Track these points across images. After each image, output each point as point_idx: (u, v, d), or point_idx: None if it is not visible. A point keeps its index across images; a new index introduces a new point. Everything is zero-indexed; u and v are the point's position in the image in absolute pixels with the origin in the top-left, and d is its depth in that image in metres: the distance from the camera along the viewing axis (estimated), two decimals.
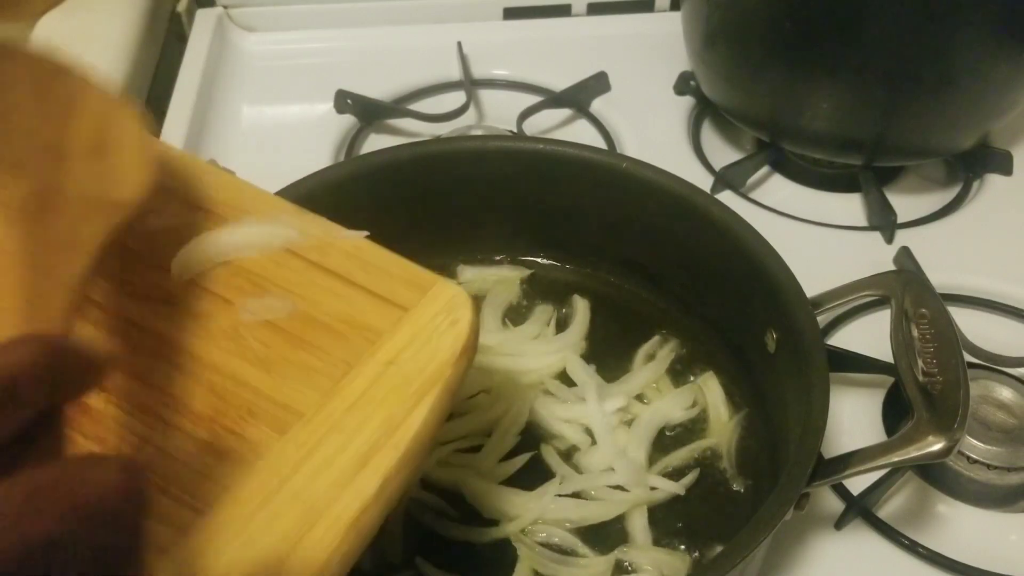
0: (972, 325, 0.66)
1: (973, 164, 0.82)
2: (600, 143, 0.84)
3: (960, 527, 0.58)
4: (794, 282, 0.55)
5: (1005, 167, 0.82)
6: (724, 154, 0.84)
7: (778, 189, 0.82)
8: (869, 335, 0.66)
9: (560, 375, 0.63)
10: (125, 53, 0.84)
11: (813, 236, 0.76)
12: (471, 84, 0.88)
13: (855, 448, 0.49)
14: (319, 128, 0.84)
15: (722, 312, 0.63)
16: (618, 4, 0.99)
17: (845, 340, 0.67)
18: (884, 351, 0.54)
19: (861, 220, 0.79)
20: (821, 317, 0.57)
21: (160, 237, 0.45)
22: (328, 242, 0.45)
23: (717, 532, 0.55)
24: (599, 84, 0.88)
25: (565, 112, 0.88)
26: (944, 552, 0.56)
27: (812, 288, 0.56)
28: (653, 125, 0.86)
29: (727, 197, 0.77)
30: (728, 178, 0.80)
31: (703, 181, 0.78)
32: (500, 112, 0.86)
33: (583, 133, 0.86)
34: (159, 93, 0.87)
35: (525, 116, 0.84)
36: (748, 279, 0.58)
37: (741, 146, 0.86)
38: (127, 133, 0.41)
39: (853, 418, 0.63)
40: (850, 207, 0.80)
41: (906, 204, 0.79)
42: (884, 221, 0.76)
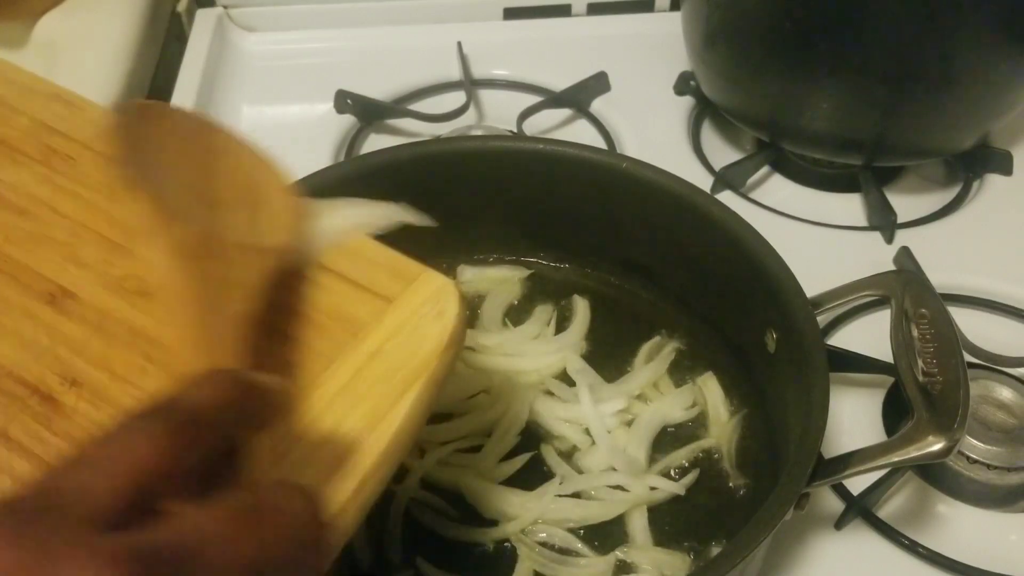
0: (972, 325, 0.66)
1: (973, 164, 0.82)
2: (600, 143, 0.84)
3: (960, 527, 0.58)
4: (794, 282, 0.55)
5: (1005, 167, 0.82)
6: (724, 154, 0.84)
7: (778, 189, 0.82)
8: (869, 335, 0.66)
9: (560, 375, 0.63)
10: (125, 53, 0.84)
11: (813, 236, 0.76)
12: (471, 84, 0.88)
13: (855, 448, 0.49)
14: (319, 128, 0.84)
15: (722, 312, 0.63)
16: (618, 4, 0.99)
17: (845, 340, 0.67)
18: (884, 351, 0.54)
19: (861, 220, 0.79)
20: (821, 317, 0.57)
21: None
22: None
23: (717, 532, 0.55)
24: (599, 84, 0.88)
25: (565, 112, 0.88)
26: (944, 552, 0.56)
27: (812, 288, 0.56)
28: (653, 125, 0.86)
29: (727, 197, 0.77)
30: (728, 178, 0.80)
31: (703, 181, 0.78)
32: (500, 112, 0.86)
33: (583, 133, 0.86)
34: (159, 93, 0.87)
35: (525, 116, 0.84)
36: (748, 279, 0.58)
37: (741, 146, 0.86)
38: (271, 185, 0.43)
39: (853, 418, 0.63)
40: (850, 207, 0.80)
41: (906, 204, 0.79)
42: (884, 221, 0.76)
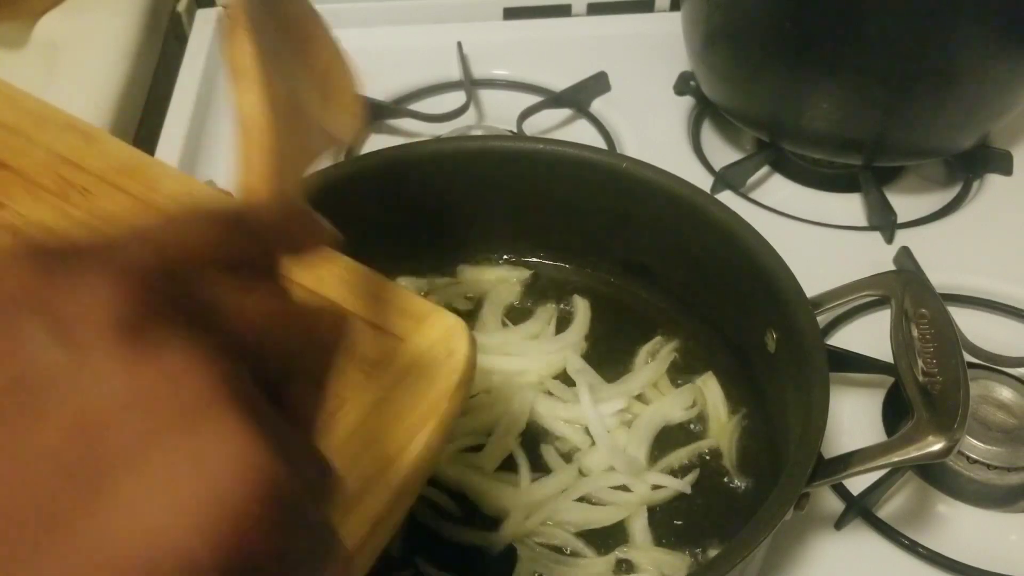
0: (972, 325, 0.66)
1: (973, 164, 0.82)
2: (600, 143, 0.84)
3: (960, 527, 0.58)
4: (794, 282, 0.55)
5: (1005, 167, 0.82)
6: (724, 154, 0.84)
7: (778, 189, 0.82)
8: (869, 335, 0.66)
9: (560, 375, 0.63)
10: (125, 53, 0.83)
11: (813, 236, 0.76)
12: (471, 84, 0.88)
13: (855, 448, 0.49)
14: None
15: (722, 312, 0.63)
16: (618, 4, 0.99)
17: (845, 340, 0.67)
18: (884, 351, 0.54)
19: (861, 220, 0.79)
20: (821, 317, 0.57)
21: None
22: (324, 266, 0.44)
23: (717, 532, 0.55)
24: (599, 84, 0.88)
25: (565, 112, 0.88)
26: (944, 552, 0.56)
27: (812, 288, 0.56)
28: (653, 125, 0.86)
29: (727, 197, 0.77)
30: (728, 178, 0.80)
31: (703, 181, 0.78)
32: (500, 112, 0.86)
33: (583, 133, 0.86)
34: (159, 93, 0.87)
35: (525, 116, 0.84)
36: (748, 279, 0.58)
37: (741, 146, 0.86)
38: (347, 84, 0.44)
39: (853, 418, 0.63)
40: (850, 207, 0.80)
41: (906, 204, 0.79)
42: (884, 221, 0.76)
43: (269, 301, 0.26)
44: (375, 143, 0.83)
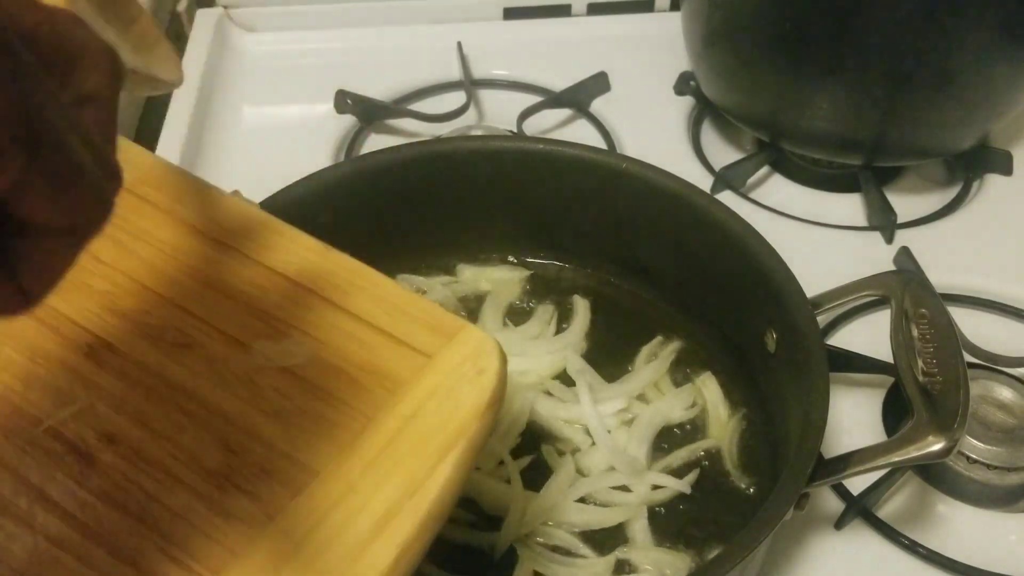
0: (972, 325, 0.66)
1: (973, 164, 0.82)
2: (600, 143, 0.84)
3: (960, 527, 0.58)
4: (794, 282, 0.55)
5: (1005, 167, 0.82)
6: (724, 154, 0.84)
7: (778, 189, 0.82)
8: (869, 335, 0.66)
9: (561, 375, 0.63)
10: None
11: (813, 236, 0.76)
12: (471, 84, 0.88)
13: (855, 448, 0.49)
14: (319, 128, 0.84)
15: (722, 312, 0.63)
16: (618, 4, 0.99)
17: (845, 340, 0.67)
18: (884, 351, 0.54)
19: (861, 220, 0.79)
20: (821, 317, 0.57)
21: (182, 277, 0.43)
22: (351, 282, 0.43)
23: (717, 532, 0.55)
24: (599, 84, 0.88)
25: (565, 112, 0.88)
26: (944, 552, 0.56)
27: (812, 288, 0.56)
28: (653, 125, 0.86)
29: (727, 197, 0.77)
30: (728, 178, 0.80)
31: (703, 181, 0.78)
32: (500, 112, 0.86)
33: (583, 133, 0.86)
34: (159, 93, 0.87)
35: (525, 116, 0.84)
36: (748, 279, 0.58)
37: (741, 146, 0.86)
38: (168, 51, 0.44)
39: (853, 418, 0.63)
40: (850, 207, 0.80)
41: (906, 204, 0.79)
42: (884, 221, 0.76)
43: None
44: (375, 143, 0.84)
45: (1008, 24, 0.68)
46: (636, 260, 0.67)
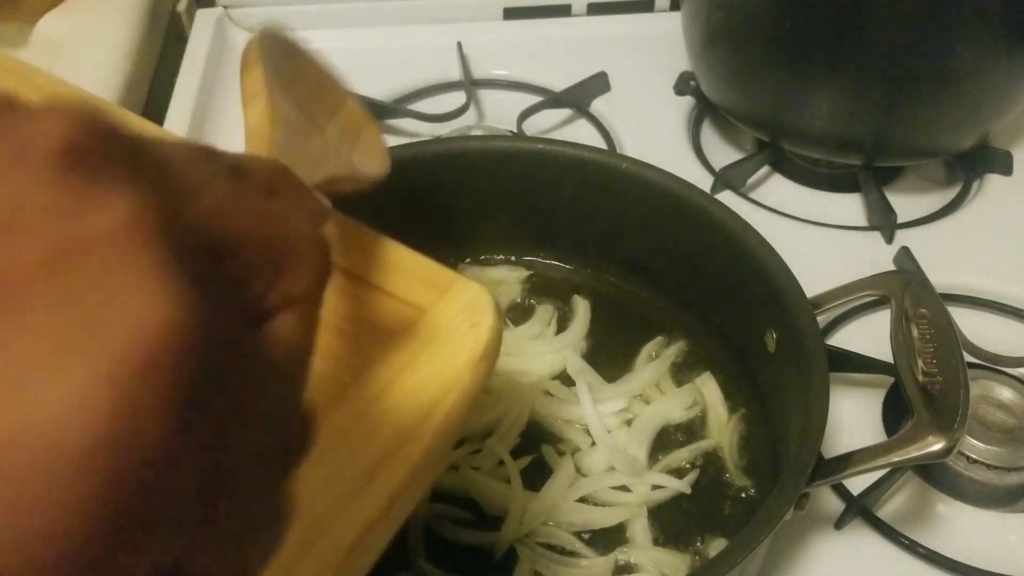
0: (972, 325, 0.66)
1: (973, 164, 0.82)
2: (600, 143, 0.84)
3: (960, 527, 0.58)
4: (794, 282, 0.55)
5: (1005, 167, 0.82)
6: (724, 154, 0.84)
7: (778, 189, 0.82)
8: (869, 335, 0.66)
9: (561, 375, 0.63)
10: (125, 53, 0.83)
11: (813, 236, 0.76)
12: (471, 84, 0.88)
13: (855, 448, 0.49)
14: None
15: (722, 312, 0.63)
16: (618, 4, 0.99)
17: (845, 340, 0.67)
18: (884, 351, 0.54)
19: (861, 220, 0.79)
20: (821, 317, 0.57)
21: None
22: (340, 238, 0.42)
23: (717, 532, 0.55)
24: (599, 84, 0.88)
25: (565, 112, 0.88)
26: (944, 552, 0.56)
27: (812, 288, 0.56)
28: (653, 125, 0.86)
29: (727, 197, 0.77)
30: (728, 178, 0.80)
31: (703, 181, 0.78)
32: (500, 112, 0.86)
33: (583, 133, 0.86)
34: (159, 93, 0.87)
35: (525, 116, 0.84)
36: (748, 279, 0.58)
37: (741, 146, 0.86)
38: (375, 137, 0.45)
39: (853, 418, 0.63)
40: (850, 207, 0.80)
41: (906, 204, 0.79)
42: (884, 221, 0.76)
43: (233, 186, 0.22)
44: None
45: (1008, 24, 0.68)
46: (636, 260, 0.67)
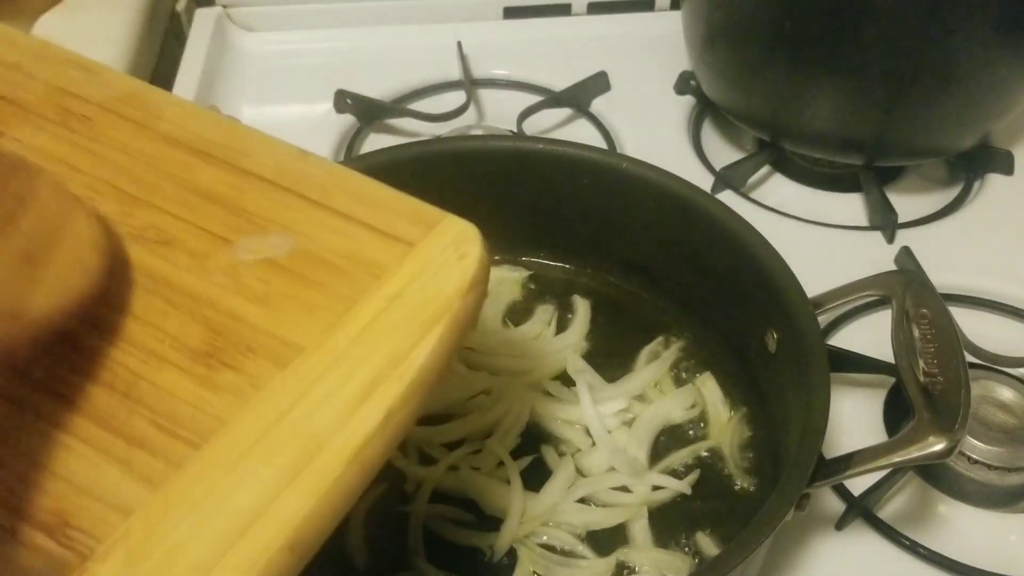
0: (973, 325, 0.66)
1: (974, 164, 0.82)
2: (600, 143, 0.84)
3: (961, 527, 0.58)
4: (795, 282, 0.55)
5: (1006, 167, 0.82)
6: (724, 154, 0.84)
7: (778, 189, 0.82)
8: (870, 335, 0.66)
9: (561, 376, 0.62)
10: (124, 53, 0.83)
11: (813, 236, 0.76)
12: (471, 84, 0.88)
13: (856, 448, 0.49)
14: (319, 128, 0.84)
15: (723, 312, 0.63)
16: (618, 4, 0.99)
17: (846, 340, 0.66)
18: (885, 351, 0.54)
19: (862, 220, 0.79)
20: (822, 317, 0.57)
21: (160, 181, 0.44)
22: (329, 181, 0.44)
23: (718, 532, 0.55)
24: (599, 84, 0.88)
25: (565, 112, 0.88)
26: (944, 552, 0.56)
27: (813, 288, 0.56)
28: (653, 125, 0.86)
29: (727, 197, 0.77)
30: (728, 178, 0.80)
31: (703, 181, 0.78)
32: (500, 112, 0.86)
33: (583, 133, 0.86)
34: None
35: (525, 116, 0.84)
36: (748, 279, 0.57)
37: (741, 146, 0.86)
38: (75, 235, 0.40)
39: (854, 418, 0.63)
40: (851, 207, 0.80)
41: (907, 204, 0.79)
42: (885, 221, 0.76)
43: None
44: (375, 143, 0.84)
45: (1008, 24, 0.68)
46: (636, 260, 0.67)
